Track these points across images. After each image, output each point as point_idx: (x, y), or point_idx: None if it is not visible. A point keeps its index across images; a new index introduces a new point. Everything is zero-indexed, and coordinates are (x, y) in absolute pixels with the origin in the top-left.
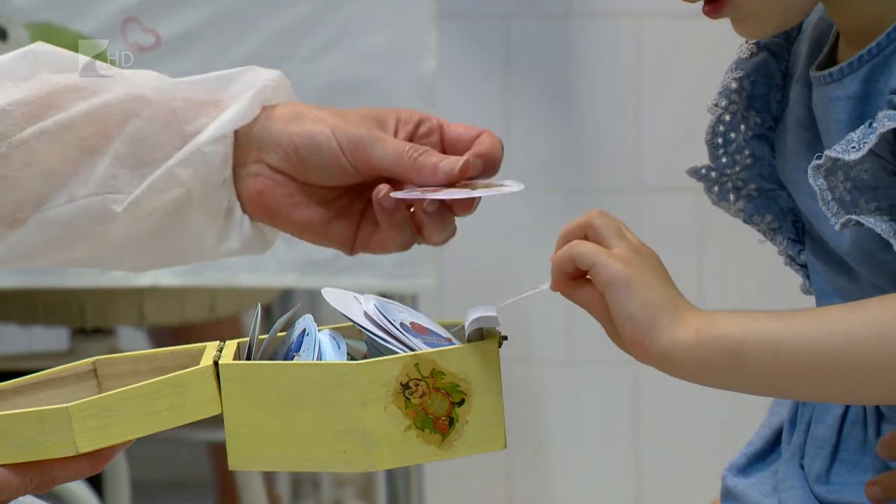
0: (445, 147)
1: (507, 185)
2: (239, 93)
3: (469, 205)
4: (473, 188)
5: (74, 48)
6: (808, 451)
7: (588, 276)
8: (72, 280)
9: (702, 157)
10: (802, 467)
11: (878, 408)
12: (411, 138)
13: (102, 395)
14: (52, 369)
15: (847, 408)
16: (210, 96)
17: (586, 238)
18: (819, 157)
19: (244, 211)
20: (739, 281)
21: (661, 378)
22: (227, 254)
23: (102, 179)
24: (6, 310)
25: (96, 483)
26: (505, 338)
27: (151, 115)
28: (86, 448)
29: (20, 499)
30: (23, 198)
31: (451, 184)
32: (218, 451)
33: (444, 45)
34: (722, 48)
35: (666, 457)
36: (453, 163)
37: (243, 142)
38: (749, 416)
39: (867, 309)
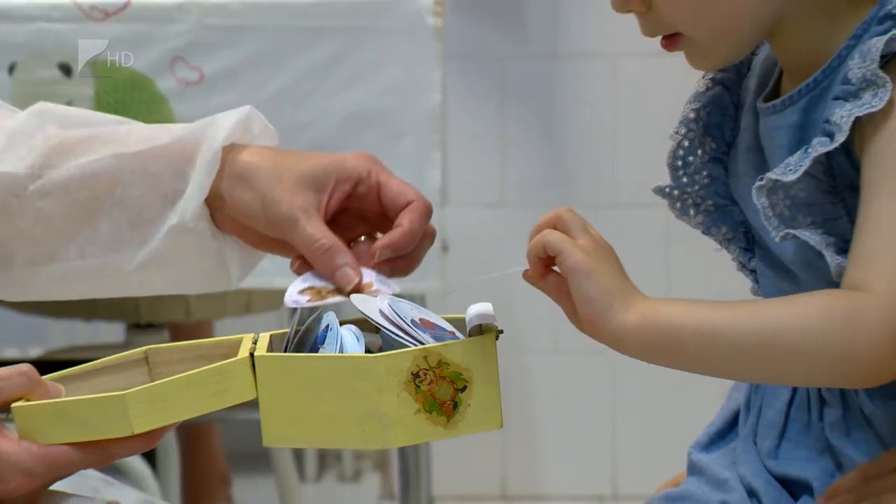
0: (382, 206)
1: (382, 293)
2: (204, 152)
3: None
4: (368, 288)
5: (130, 83)
6: (760, 431)
7: (554, 266)
8: None
9: (668, 179)
10: (756, 444)
11: (820, 394)
12: (348, 197)
13: (155, 383)
14: (110, 357)
15: (794, 394)
16: (183, 152)
17: (556, 230)
18: (761, 179)
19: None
20: (700, 282)
21: (636, 366)
22: (238, 283)
23: (107, 241)
24: (73, 308)
25: (150, 457)
26: (501, 332)
27: (134, 179)
28: (140, 429)
29: (84, 472)
30: (37, 252)
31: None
32: (184, 431)
33: (450, 81)
34: (686, 85)
35: (639, 435)
36: (347, 279)
37: (213, 192)
38: (711, 401)
39: (796, 303)
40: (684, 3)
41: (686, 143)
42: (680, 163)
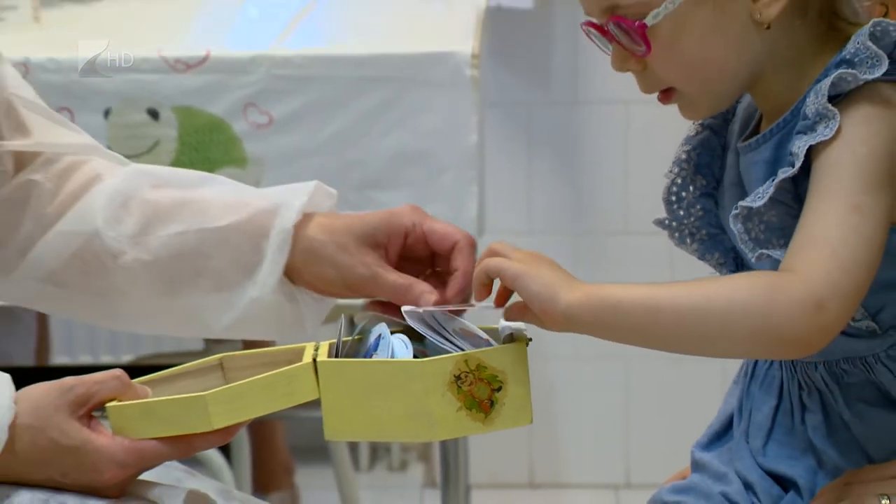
0: (432, 250)
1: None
2: (277, 232)
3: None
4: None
5: (209, 126)
6: (750, 433)
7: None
8: None
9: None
10: (748, 443)
11: (801, 400)
12: (402, 248)
13: (232, 385)
14: (190, 364)
15: (779, 401)
16: (259, 228)
17: None
18: (736, 209)
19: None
20: None
21: (647, 370)
22: (311, 333)
23: (192, 311)
24: None
25: (225, 451)
26: (531, 339)
27: (215, 252)
28: (219, 425)
29: (168, 463)
30: (128, 312)
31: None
32: (254, 427)
33: (485, 125)
34: (686, 130)
35: (649, 432)
36: (427, 303)
37: (287, 265)
38: (712, 403)
39: (728, 279)
40: (676, 62)
41: (679, 181)
42: (674, 198)
